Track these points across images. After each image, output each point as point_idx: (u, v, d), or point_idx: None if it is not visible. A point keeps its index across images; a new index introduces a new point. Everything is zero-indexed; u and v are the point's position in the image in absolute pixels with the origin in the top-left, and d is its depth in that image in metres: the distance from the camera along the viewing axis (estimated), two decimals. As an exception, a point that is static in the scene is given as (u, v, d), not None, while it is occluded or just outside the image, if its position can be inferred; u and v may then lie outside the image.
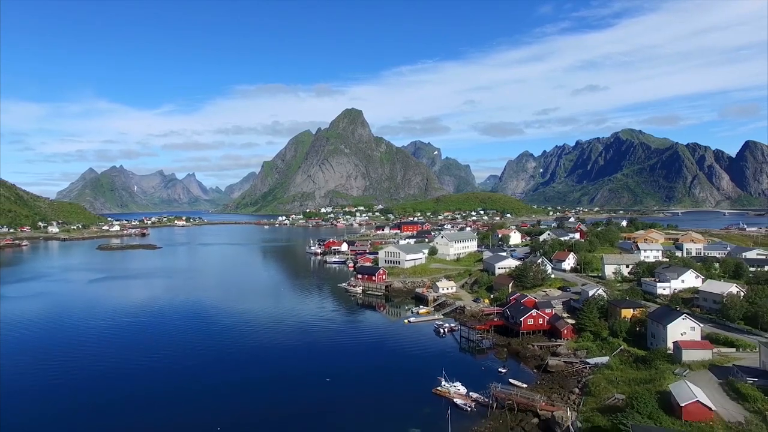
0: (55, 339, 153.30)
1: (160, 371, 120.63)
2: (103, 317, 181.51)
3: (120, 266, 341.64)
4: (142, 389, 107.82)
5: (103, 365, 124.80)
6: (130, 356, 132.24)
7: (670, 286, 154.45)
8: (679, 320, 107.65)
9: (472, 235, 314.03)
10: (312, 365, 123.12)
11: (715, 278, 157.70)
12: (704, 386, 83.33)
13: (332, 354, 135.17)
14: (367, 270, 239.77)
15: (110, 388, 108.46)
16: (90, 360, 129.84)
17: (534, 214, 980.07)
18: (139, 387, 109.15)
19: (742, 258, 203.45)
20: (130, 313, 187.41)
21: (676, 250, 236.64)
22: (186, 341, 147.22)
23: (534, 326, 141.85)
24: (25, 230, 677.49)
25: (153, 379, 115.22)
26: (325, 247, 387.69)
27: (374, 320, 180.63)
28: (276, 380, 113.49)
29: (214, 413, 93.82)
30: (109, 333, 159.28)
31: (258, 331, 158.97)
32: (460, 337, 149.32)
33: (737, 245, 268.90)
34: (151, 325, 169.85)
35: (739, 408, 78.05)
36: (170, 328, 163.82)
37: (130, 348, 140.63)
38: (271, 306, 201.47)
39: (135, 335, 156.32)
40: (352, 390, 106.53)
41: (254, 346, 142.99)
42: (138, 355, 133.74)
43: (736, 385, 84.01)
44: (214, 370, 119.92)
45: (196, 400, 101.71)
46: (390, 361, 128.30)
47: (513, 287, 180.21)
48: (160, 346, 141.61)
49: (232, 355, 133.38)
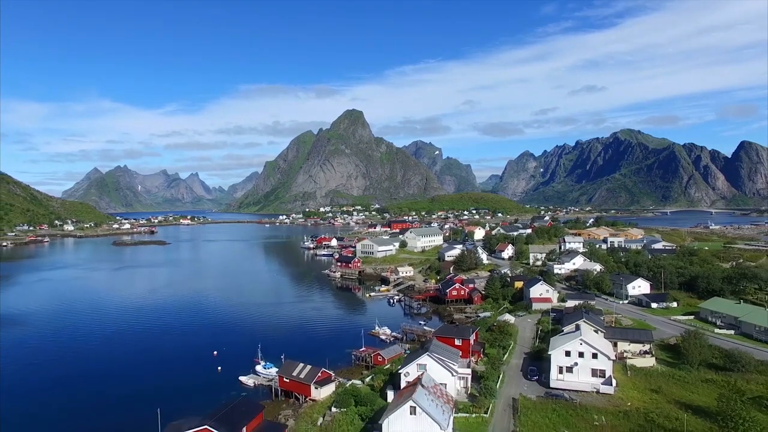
0: (106, 306, 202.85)
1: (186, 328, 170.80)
2: (138, 294, 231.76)
3: (138, 258, 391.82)
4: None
5: (151, 325, 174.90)
6: (167, 319, 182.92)
7: (564, 267, 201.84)
8: (538, 285, 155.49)
9: (438, 231, 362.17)
10: (297, 322, 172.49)
11: (598, 262, 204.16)
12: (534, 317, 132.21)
13: (315, 316, 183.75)
14: (345, 259, 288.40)
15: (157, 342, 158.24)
16: (137, 319, 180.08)
17: (526, 213, 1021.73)
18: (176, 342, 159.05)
19: (649, 248, 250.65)
20: (159, 292, 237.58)
21: (603, 243, 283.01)
22: (200, 309, 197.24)
23: (457, 296, 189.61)
24: (43, 228, 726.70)
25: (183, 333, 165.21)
26: (317, 243, 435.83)
27: (346, 296, 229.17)
28: (274, 328, 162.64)
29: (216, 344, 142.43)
30: (146, 304, 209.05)
31: (256, 305, 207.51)
32: (404, 305, 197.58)
33: (667, 240, 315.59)
34: (174, 298, 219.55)
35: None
36: (189, 298, 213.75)
37: (164, 313, 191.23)
38: (268, 287, 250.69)
39: (164, 306, 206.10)
40: (324, 335, 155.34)
41: (248, 315, 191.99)
42: (173, 319, 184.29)
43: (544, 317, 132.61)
44: (231, 330, 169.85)
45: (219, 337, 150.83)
46: (351, 319, 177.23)
47: (453, 270, 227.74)
48: (182, 312, 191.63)
49: (242, 321, 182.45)
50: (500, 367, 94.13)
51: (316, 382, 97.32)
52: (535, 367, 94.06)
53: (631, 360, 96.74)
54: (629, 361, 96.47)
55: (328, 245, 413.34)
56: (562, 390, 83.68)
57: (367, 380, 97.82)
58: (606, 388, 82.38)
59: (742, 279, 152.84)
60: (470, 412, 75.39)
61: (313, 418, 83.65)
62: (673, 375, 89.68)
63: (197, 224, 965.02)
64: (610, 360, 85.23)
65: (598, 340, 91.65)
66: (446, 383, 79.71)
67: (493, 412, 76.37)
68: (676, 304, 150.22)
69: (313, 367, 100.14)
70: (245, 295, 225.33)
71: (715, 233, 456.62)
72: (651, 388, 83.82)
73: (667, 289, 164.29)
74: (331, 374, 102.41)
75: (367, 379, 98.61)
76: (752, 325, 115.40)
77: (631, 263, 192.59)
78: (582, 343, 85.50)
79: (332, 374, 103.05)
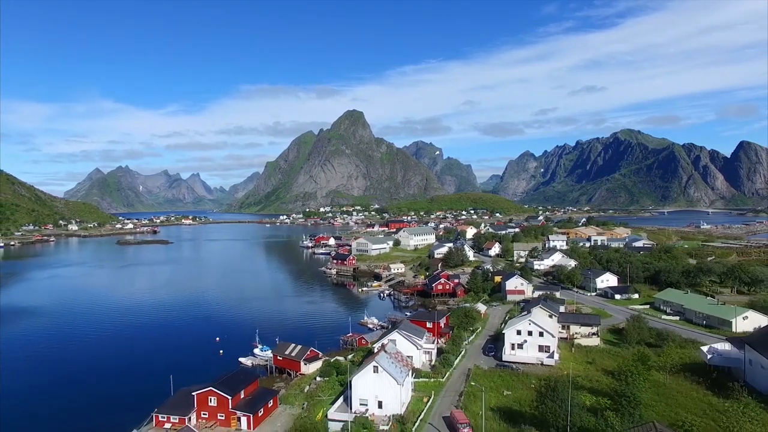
0: (116, 300, 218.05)
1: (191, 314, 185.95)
2: (144, 290, 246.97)
3: (142, 257, 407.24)
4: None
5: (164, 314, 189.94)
6: (173, 312, 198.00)
7: (544, 263, 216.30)
8: (513, 279, 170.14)
9: (430, 230, 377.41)
10: (293, 314, 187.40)
11: (576, 259, 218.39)
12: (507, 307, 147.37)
13: (309, 309, 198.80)
14: (341, 257, 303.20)
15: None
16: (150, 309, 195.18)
17: (524, 213, 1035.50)
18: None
19: (630, 246, 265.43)
20: (164, 288, 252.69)
21: (587, 242, 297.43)
22: (203, 303, 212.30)
23: (442, 290, 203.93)
24: (48, 228, 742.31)
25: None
26: (315, 242, 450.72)
27: (340, 291, 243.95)
28: (271, 319, 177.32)
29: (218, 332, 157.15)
30: (152, 299, 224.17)
31: (255, 299, 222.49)
32: (393, 298, 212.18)
33: (653, 239, 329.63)
34: (179, 293, 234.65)
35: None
36: (192, 293, 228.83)
37: (169, 307, 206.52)
38: (267, 283, 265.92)
39: (169, 300, 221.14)
40: (317, 325, 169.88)
41: (248, 307, 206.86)
42: (178, 309, 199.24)
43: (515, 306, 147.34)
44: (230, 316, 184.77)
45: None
46: (343, 311, 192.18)
47: (441, 267, 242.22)
48: (184, 301, 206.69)
49: (242, 313, 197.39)
50: (462, 345, 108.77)
51: (306, 359, 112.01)
52: (493, 345, 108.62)
53: (579, 340, 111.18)
54: (577, 340, 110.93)
55: (325, 244, 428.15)
56: (512, 362, 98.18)
57: (350, 357, 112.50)
58: (549, 360, 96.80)
59: (699, 273, 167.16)
60: (430, 377, 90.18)
61: (301, 386, 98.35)
62: (611, 351, 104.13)
63: (199, 224, 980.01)
64: (554, 338, 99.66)
65: (546, 321, 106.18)
66: (412, 356, 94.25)
67: (449, 378, 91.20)
68: (638, 295, 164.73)
69: (303, 347, 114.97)
70: (245, 290, 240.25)
71: (702, 232, 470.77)
72: (587, 360, 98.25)
73: (632, 282, 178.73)
74: (318, 353, 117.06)
75: (349, 356, 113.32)
76: (693, 311, 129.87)
77: (604, 259, 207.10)
78: (530, 323, 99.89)
79: (319, 353, 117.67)
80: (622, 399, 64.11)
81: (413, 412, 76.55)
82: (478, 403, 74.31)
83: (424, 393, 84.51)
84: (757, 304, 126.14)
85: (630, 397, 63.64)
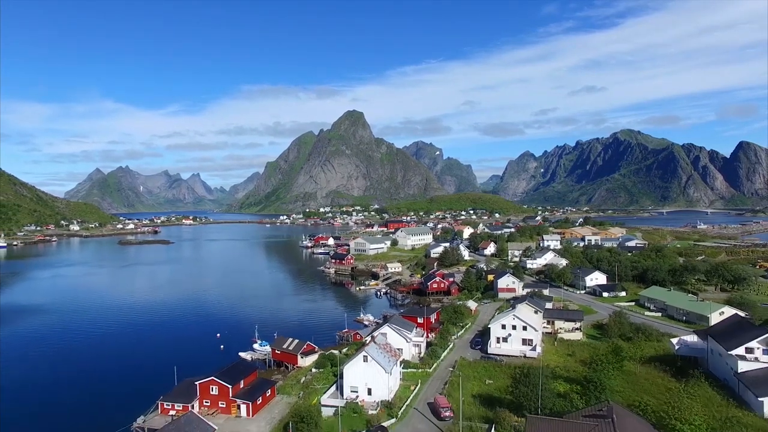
0: (119, 299, 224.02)
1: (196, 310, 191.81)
2: (147, 288, 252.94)
3: (143, 257, 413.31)
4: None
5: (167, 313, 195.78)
6: (175, 310, 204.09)
7: (536, 262, 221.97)
8: (505, 277, 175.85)
9: (428, 230, 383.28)
10: (292, 312, 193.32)
11: (568, 258, 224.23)
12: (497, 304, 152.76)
13: (308, 307, 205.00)
14: (339, 256, 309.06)
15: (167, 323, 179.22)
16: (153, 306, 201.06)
17: (523, 213, 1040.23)
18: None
19: (623, 246, 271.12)
20: (166, 287, 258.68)
21: (581, 241, 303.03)
22: (204, 301, 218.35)
23: (437, 288, 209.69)
24: (49, 228, 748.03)
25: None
26: (315, 242, 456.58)
27: (338, 290, 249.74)
28: (270, 316, 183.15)
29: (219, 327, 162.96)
30: (154, 298, 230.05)
31: (255, 297, 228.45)
32: (389, 297, 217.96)
33: (648, 239, 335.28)
34: (180, 292, 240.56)
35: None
36: (193, 292, 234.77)
37: (171, 305, 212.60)
38: (267, 282, 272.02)
39: (171, 299, 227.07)
40: (315, 322, 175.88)
41: (248, 305, 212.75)
42: (180, 308, 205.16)
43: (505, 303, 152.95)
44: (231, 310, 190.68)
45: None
46: (340, 309, 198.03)
47: (437, 266, 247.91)
48: (188, 298, 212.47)
49: (242, 311, 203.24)
50: (451, 339, 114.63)
51: (302, 352, 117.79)
52: (480, 339, 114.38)
53: (562, 334, 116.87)
54: (560, 335, 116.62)
55: (325, 244, 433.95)
56: (496, 355, 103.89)
57: (344, 350, 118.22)
58: (532, 353, 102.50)
59: (684, 271, 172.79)
60: (418, 368, 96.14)
61: (298, 377, 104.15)
62: (591, 345, 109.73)
63: (199, 224, 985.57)
64: (537, 332, 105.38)
65: (530, 316, 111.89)
66: (402, 348, 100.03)
67: (436, 369, 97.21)
68: (625, 293, 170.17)
69: (300, 341, 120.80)
70: (245, 289, 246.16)
71: (698, 232, 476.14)
72: (568, 353, 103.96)
73: (621, 280, 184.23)
74: (315, 347, 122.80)
75: (344, 350, 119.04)
76: (675, 308, 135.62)
77: (595, 258, 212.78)
78: (515, 318, 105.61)
79: (316, 347, 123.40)
80: (590, 384, 70.15)
81: (401, 398, 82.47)
82: (460, 391, 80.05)
83: (411, 382, 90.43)
84: (734, 300, 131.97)
85: (597, 382, 69.76)
